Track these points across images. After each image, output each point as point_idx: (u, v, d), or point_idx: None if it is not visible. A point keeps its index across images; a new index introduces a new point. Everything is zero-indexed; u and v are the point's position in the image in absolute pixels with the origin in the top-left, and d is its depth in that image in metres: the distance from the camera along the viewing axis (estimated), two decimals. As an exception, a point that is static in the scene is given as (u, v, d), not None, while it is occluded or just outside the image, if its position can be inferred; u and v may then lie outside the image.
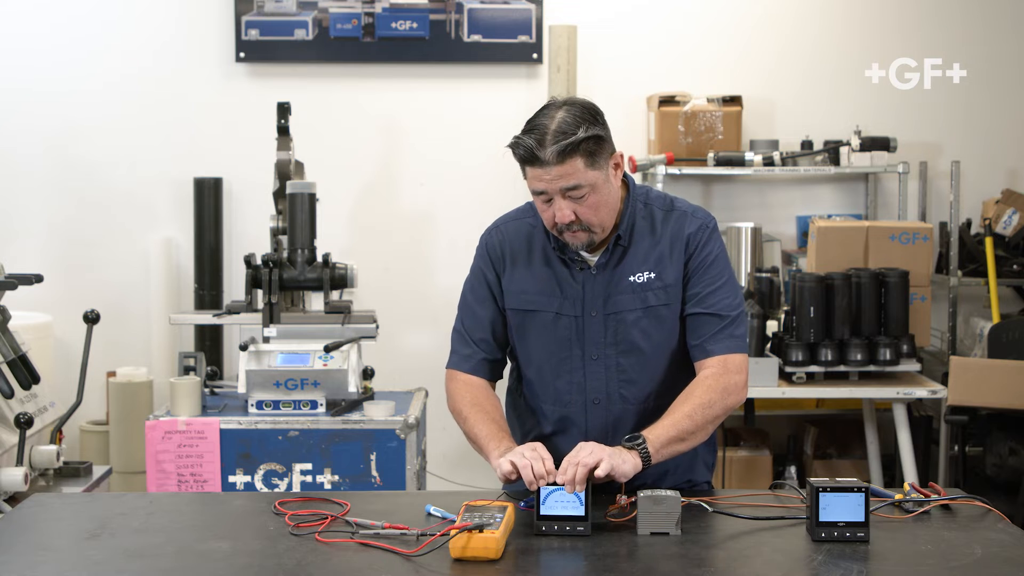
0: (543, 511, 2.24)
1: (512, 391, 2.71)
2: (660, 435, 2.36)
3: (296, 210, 4.29)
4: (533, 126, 2.39)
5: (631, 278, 2.51)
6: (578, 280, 2.53)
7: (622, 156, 2.49)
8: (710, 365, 2.49)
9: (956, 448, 4.80)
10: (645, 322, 2.51)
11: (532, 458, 2.27)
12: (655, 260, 2.52)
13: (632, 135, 5.38)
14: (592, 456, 2.25)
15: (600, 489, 2.34)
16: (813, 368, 4.45)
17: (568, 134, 2.35)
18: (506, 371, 2.74)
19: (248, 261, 4.20)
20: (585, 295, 2.52)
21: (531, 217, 2.60)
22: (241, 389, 4.05)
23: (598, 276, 2.52)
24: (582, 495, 2.23)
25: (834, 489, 2.21)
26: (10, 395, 3.22)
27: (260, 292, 4.20)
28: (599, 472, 2.24)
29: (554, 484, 2.25)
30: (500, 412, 2.58)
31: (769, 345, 4.57)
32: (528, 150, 2.37)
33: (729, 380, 2.47)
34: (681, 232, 2.53)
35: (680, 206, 2.57)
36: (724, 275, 2.54)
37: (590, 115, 2.42)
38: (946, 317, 5.18)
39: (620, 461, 2.28)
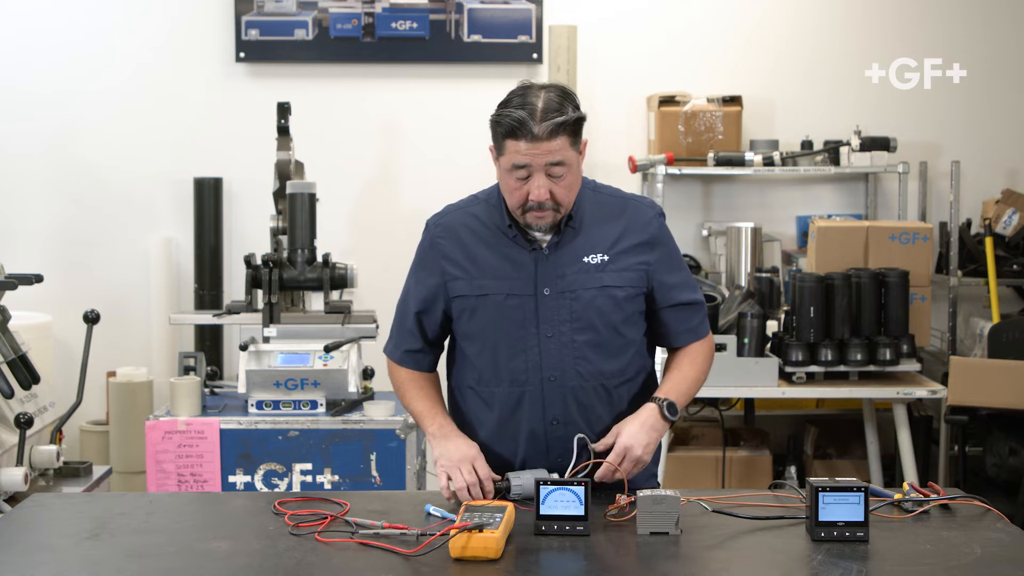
0: (543, 511, 2.24)
1: (456, 389, 2.70)
2: (681, 404, 2.59)
3: (296, 210, 4.29)
4: (518, 103, 2.43)
5: (585, 259, 2.55)
6: (530, 260, 2.55)
7: (586, 143, 2.54)
8: (698, 344, 2.69)
9: (956, 448, 4.80)
10: (600, 300, 2.55)
11: (469, 482, 2.44)
12: (609, 245, 2.57)
13: (632, 135, 5.38)
14: (639, 464, 2.50)
15: (600, 489, 2.34)
16: (813, 368, 4.45)
17: (560, 112, 2.41)
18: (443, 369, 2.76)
19: (248, 261, 4.20)
20: (537, 274, 2.54)
21: (473, 207, 2.65)
22: (241, 389, 4.05)
23: (550, 256, 2.55)
24: (582, 495, 2.23)
25: (834, 489, 2.21)
26: (10, 395, 3.22)
27: (260, 292, 4.20)
28: (637, 471, 2.51)
29: (556, 484, 2.25)
30: (434, 385, 2.71)
31: (769, 345, 4.56)
32: (520, 122, 2.41)
33: (711, 355, 2.72)
34: (636, 222, 2.59)
35: (630, 196, 2.67)
36: (683, 264, 2.68)
37: (571, 97, 2.47)
38: (946, 317, 5.18)
39: (652, 451, 2.52)
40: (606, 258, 2.56)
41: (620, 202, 2.62)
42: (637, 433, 2.48)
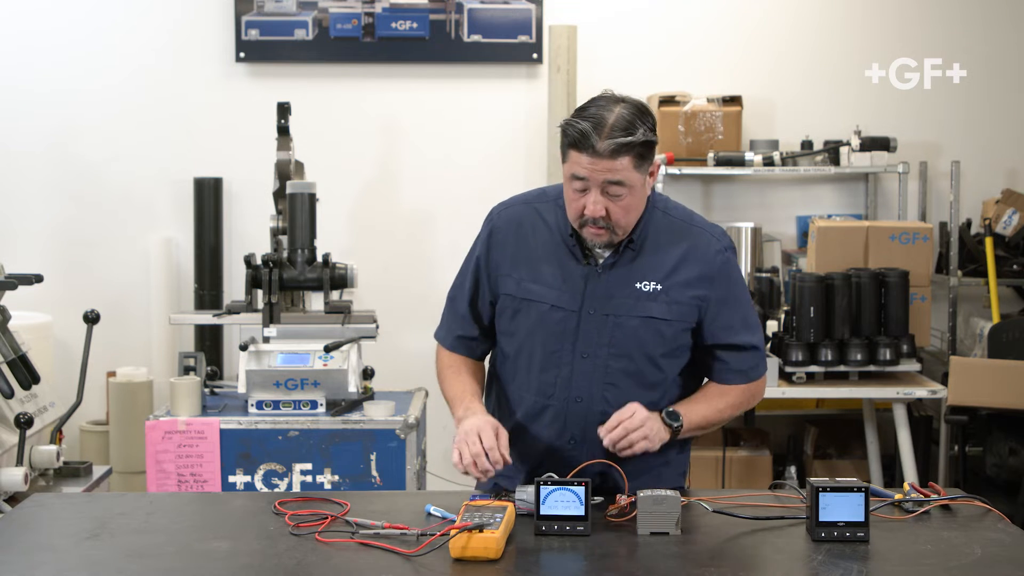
0: (543, 511, 2.23)
1: (492, 376, 2.67)
2: (693, 421, 2.50)
3: (296, 210, 4.29)
4: (590, 114, 2.35)
5: (638, 284, 2.47)
6: (582, 275, 2.49)
7: (658, 167, 2.48)
8: (747, 385, 2.61)
9: (956, 448, 4.80)
10: (643, 331, 2.47)
11: (473, 453, 2.36)
12: (665, 274, 2.48)
13: (632, 135, 5.37)
14: (640, 430, 2.40)
15: (600, 489, 2.34)
16: (813, 368, 4.45)
17: (628, 131, 2.33)
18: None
19: (248, 261, 4.20)
20: (587, 291, 2.48)
21: (541, 203, 2.57)
22: (241, 389, 4.05)
23: (603, 275, 2.48)
24: (581, 495, 2.23)
25: (834, 489, 2.21)
26: (10, 395, 3.22)
27: (260, 292, 4.20)
28: (635, 450, 2.40)
29: (556, 484, 2.25)
30: (473, 372, 2.63)
31: (769, 345, 4.56)
32: (583, 134, 2.33)
33: (754, 398, 2.64)
34: (698, 252, 2.49)
35: (699, 223, 2.54)
36: (745, 303, 2.56)
37: (648, 117, 2.38)
38: (946, 317, 5.18)
39: (651, 443, 2.42)
40: (659, 287, 2.47)
41: (687, 228, 2.51)
42: (647, 416, 2.42)
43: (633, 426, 2.39)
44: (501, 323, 2.59)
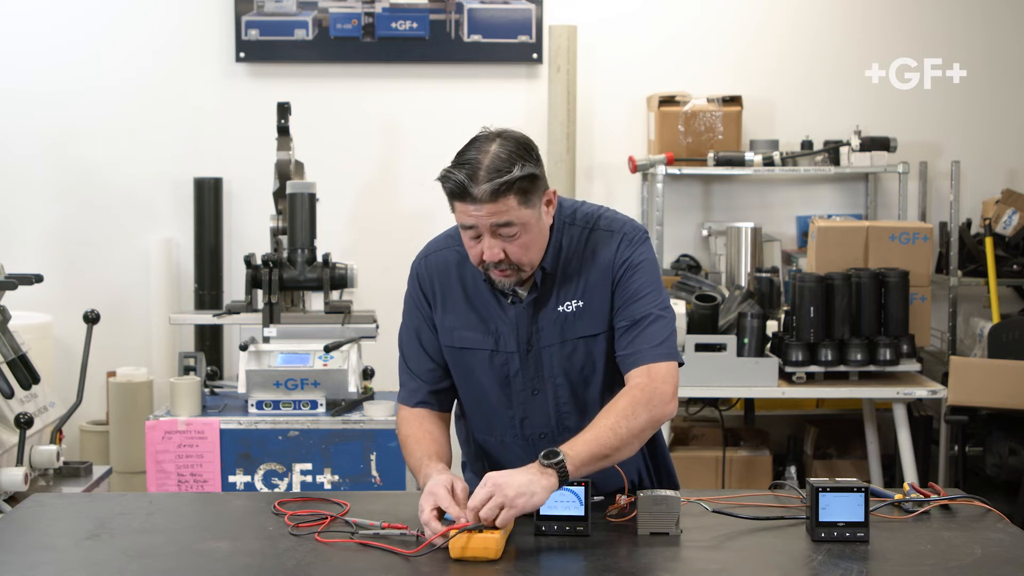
0: (543, 511, 2.23)
1: (458, 418, 2.62)
2: (581, 452, 2.21)
3: (296, 210, 4.29)
4: (465, 160, 2.26)
5: (560, 308, 2.40)
6: (510, 315, 2.41)
7: (554, 193, 2.37)
8: (636, 375, 2.36)
9: (956, 448, 4.79)
10: (579, 353, 2.41)
11: (423, 520, 2.16)
12: (582, 287, 2.40)
13: (632, 135, 5.38)
14: (490, 508, 2.11)
15: (600, 490, 2.34)
16: (813, 368, 4.45)
17: (502, 171, 2.22)
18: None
19: (248, 261, 4.20)
20: (519, 329, 2.41)
21: (456, 247, 2.47)
22: (241, 389, 4.05)
23: (528, 308, 2.40)
24: (581, 495, 2.23)
25: (834, 489, 2.21)
26: (10, 395, 3.22)
27: (260, 292, 4.20)
28: (499, 521, 2.11)
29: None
30: (433, 437, 2.44)
31: (769, 345, 4.56)
32: (459, 185, 2.24)
33: (655, 390, 2.32)
34: (605, 251, 2.41)
35: (604, 224, 2.44)
36: (649, 285, 2.40)
37: (525, 151, 2.28)
38: (946, 317, 5.18)
39: (528, 496, 2.13)
40: (580, 304, 2.40)
41: (590, 234, 2.42)
42: (512, 473, 2.17)
43: (494, 506, 2.12)
44: (451, 373, 2.52)
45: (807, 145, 5.23)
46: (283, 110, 4.51)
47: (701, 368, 4.32)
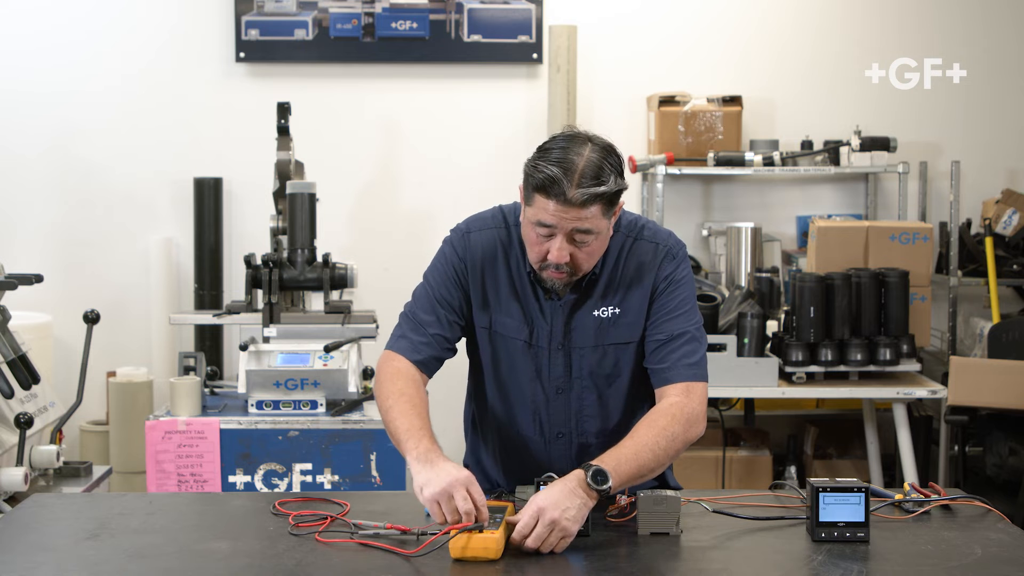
0: (543, 511, 2.23)
1: (472, 398, 2.61)
2: (623, 473, 2.22)
3: (296, 210, 4.29)
4: (558, 159, 2.24)
5: (595, 312, 2.43)
6: (546, 311, 2.44)
7: (621, 204, 2.37)
8: (672, 393, 2.39)
9: (956, 448, 4.79)
10: (610, 358, 2.45)
11: (464, 510, 2.12)
12: (620, 294, 2.44)
13: (632, 135, 5.37)
14: (554, 533, 2.12)
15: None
16: (813, 368, 4.45)
17: (601, 181, 2.24)
18: (463, 377, 2.62)
19: (248, 261, 4.20)
20: (552, 327, 2.44)
21: (502, 228, 2.48)
22: (241, 389, 4.05)
23: (564, 309, 2.43)
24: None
25: (834, 489, 2.21)
26: (10, 395, 3.22)
27: (260, 292, 4.20)
28: (557, 549, 2.13)
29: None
30: (425, 407, 2.38)
31: (769, 345, 4.57)
32: (552, 180, 2.22)
33: (693, 411, 2.37)
34: (648, 262, 2.44)
35: (648, 235, 2.47)
36: (687, 303, 2.45)
37: (619, 161, 2.29)
38: (946, 317, 5.18)
39: (581, 521, 2.15)
40: (617, 311, 2.43)
41: (630, 243, 2.44)
42: (555, 495, 2.14)
43: (542, 535, 2.12)
44: (480, 355, 2.52)
45: (807, 145, 5.23)
46: (283, 110, 4.51)
47: (701, 368, 4.31)
